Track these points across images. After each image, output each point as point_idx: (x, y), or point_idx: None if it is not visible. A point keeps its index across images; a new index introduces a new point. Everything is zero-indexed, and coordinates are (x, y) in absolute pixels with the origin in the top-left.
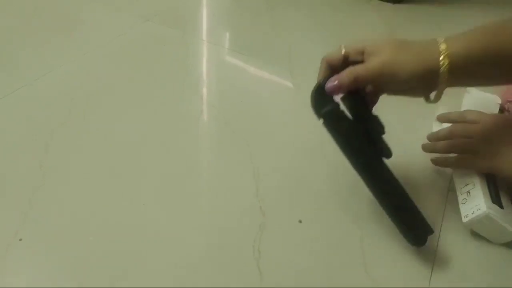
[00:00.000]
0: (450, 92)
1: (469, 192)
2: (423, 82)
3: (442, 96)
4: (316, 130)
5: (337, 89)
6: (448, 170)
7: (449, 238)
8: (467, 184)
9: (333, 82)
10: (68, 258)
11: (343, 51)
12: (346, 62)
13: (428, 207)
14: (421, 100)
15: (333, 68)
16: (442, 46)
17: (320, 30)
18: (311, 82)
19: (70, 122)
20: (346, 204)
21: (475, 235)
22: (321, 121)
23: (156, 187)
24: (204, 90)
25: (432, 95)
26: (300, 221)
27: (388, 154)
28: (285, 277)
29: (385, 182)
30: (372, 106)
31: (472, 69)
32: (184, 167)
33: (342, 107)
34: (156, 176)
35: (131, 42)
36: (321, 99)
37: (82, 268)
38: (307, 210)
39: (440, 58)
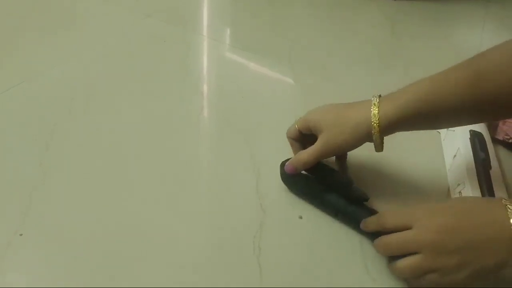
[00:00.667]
0: None
1: (461, 193)
2: (360, 144)
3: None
4: None
5: (294, 172)
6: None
7: None
8: (459, 184)
9: (289, 167)
10: (68, 254)
11: (296, 127)
12: (301, 135)
13: None
14: None
15: (295, 140)
16: (374, 111)
17: (321, 26)
18: (312, 79)
19: (70, 119)
20: None
21: None
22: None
23: (156, 185)
24: (205, 87)
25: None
26: (301, 217)
27: (364, 199)
28: (285, 273)
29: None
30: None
31: (404, 127)
32: (184, 165)
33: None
34: (156, 173)
35: (132, 38)
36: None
37: (82, 264)
38: (307, 207)
39: (372, 124)
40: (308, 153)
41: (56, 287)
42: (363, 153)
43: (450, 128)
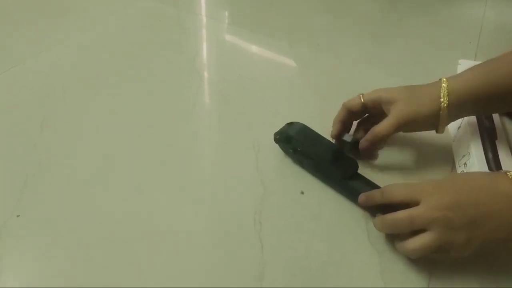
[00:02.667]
0: (444, 64)
1: (466, 164)
2: (430, 122)
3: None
4: (315, 103)
5: (370, 148)
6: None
7: None
8: (464, 156)
9: (365, 143)
10: (66, 235)
11: (362, 100)
12: (364, 110)
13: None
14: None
15: (352, 113)
16: (443, 85)
17: (320, 5)
18: (312, 56)
19: (65, 101)
20: None
21: None
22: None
23: (155, 165)
24: (202, 66)
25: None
26: (302, 193)
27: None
28: (287, 248)
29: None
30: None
31: (470, 106)
32: (183, 143)
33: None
34: (155, 154)
35: (126, 18)
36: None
37: (79, 245)
38: (309, 182)
39: (441, 100)
40: (385, 126)
41: (54, 268)
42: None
43: None
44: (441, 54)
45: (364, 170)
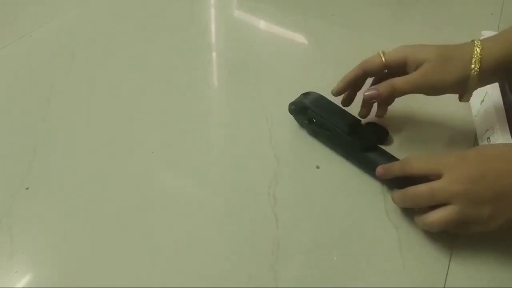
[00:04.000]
0: (465, 37)
1: (489, 139)
2: (456, 88)
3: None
4: (328, 74)
5: (374, 97)
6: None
7: None
8: (487, 130)
9: (372, 90)
10: (75, 207)
11: (383, 60)
12: (379, 69)
13: None
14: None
15: (368, 74)
16: (477, 50)
17: None
18: (325, 26)
19: (72, 72)
20: None
21: None
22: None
23: (165, 136)
24: (213, 38)
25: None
26: (318, 167)
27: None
28: (301, 223)
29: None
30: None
31: (502, 73)
32: (193, 116)
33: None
34: (165, 125)
35: None
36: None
37: (89, 216)
38: (325, 156)
39: (472, 66)
40: (404, 81)
41: (62, 239)
42: (392, 108)
43: None
44: (462, 26)
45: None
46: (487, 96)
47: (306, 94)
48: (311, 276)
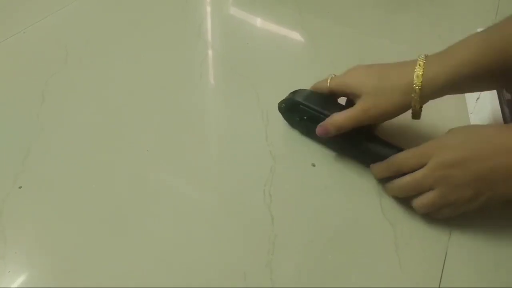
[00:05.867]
0: (460, 34)
1: None
2: (401, 112)
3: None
4: (325, 71)
5: (325, 135)
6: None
7: None
8: None
9: (320, 129)
10: (69, 206)
11: (328, 85)
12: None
13: None
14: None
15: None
16: (418, 72)
17: None
18: (321, 23)
19: (66, 70)
20: None
21: None
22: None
23: (160, 134)
24: (207, 34)
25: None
26: (314, 165)
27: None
28: (297, 220)
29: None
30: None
31: (449, 92)
32: (188, 113)
33: None
34: (160, 123)
35: None
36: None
37: (83, 215)
38: (321, 154)
39: (412, 96)
40: (345, 117)
41: (56, 238)
42: None
43: None
44: (458, 23)
45: None
46: (483, 93)
47: (295, 92)
48: (306, 274)
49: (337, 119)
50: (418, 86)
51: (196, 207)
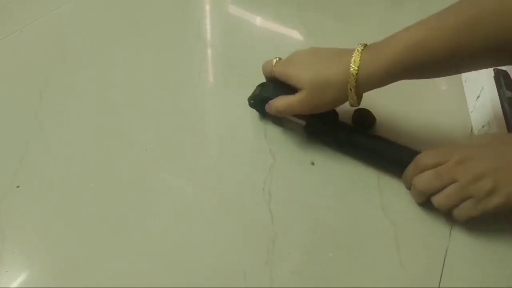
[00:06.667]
0: None
1: (486, 134)
2: (338, 105)
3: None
4: None
5: (269, 112)
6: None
7: None
8: (484, 126)
9: (267, 106)
10: (67, 205)
11: (272, 69)
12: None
13: None
14: None
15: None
16: (354, 67)
17: None
18: (320, 20)
19: (64, 68)
20: None
21: None
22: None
23: (159, 133)
24: (207, 32)
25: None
26: (313, 163)
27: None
28: (297, 218)
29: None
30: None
31: (386, 83)
32: (187, 111)
33: None
34: (159, 121)
35: None
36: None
37: (82, 214)
38: (320, 152)
39: (348, 91)
40: (283, 103)
41: (54, 238)
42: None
43: None
44: None
45: None
46: (483, 91)
47: (261, 85)
48: (306, 272)
49: (277, 103)
50: (353, 85)
51: (195, 206)
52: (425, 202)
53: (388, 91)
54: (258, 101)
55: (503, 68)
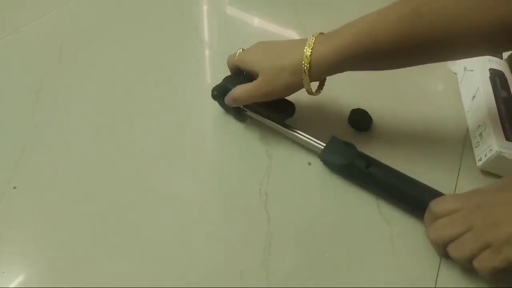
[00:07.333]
0: None
1: (481, 134)
2: (295, 91)
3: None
4: None
5: (228, 104)
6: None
7: (465, 185)
8: (479, 126)
9: (226, 98)
10: (64, 206)
11: (235, 59)
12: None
13: (445, 154)
14: None
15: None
16: (307, 53)
17: None
18: (319, 22)
19: (61, 68)
20: (356, 145)
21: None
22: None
23: (156, 133)
24: (204, 33)
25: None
26: (309, 163)
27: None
28: (293, 219)
29: None
30: None
31: (337, 71)
32: (184, 112)
33: None
34: (156, 122)
35: None
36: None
37: (79, 215)
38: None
39: (302, 67)
40: (241, 91)
41: (51, 239)
42: (377, 98)
43: (468, 68)
44: None
45: (372, 141)
46: (479, 92)
47: (227, 79)
48: (302, 272)
49: (235, 92)
50: (306, 67)
51: (192, 207)
52: (446, 255)
53: (384, 92)
54: (222, 92)
55: (498, 68)
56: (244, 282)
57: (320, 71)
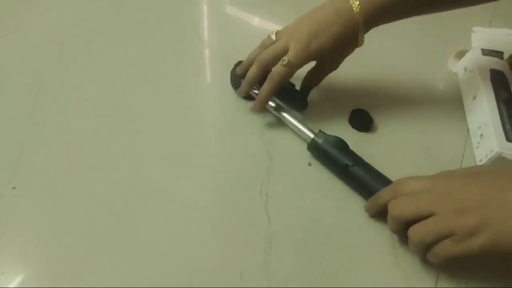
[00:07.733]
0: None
1: (482, 135)
2: (347, 43)
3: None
4: None
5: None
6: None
7: None
8: (480, 126)
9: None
10: (64, 206)
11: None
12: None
13: (445, 155)
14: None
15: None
16: (355, 3)
17: None
18: None
19: (61, 67)
20: (357, 145)
21: None
22: None
23: (156, 133)
24: (204, 33)
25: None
26: (310, 164)
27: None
28: (294, 219)
29: None
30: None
31: (389, 16)
32: (185, 112)
33: None
34: (156, 121)
35: None
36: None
37: (78, 215)
38: None
39: (354, 13)
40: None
41: (50, 239)
42: (377, 98)
43: (468, 69)
44: (454, 21)
45: (371, 138)
46: (480, 92)
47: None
48: (303, 273)
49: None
50: (358, 8)
51: (192, 206)
52: (400, 232)
53: (385, 92)
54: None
55: (499, 68)
56: (244, 283)
57: (373, 14)
